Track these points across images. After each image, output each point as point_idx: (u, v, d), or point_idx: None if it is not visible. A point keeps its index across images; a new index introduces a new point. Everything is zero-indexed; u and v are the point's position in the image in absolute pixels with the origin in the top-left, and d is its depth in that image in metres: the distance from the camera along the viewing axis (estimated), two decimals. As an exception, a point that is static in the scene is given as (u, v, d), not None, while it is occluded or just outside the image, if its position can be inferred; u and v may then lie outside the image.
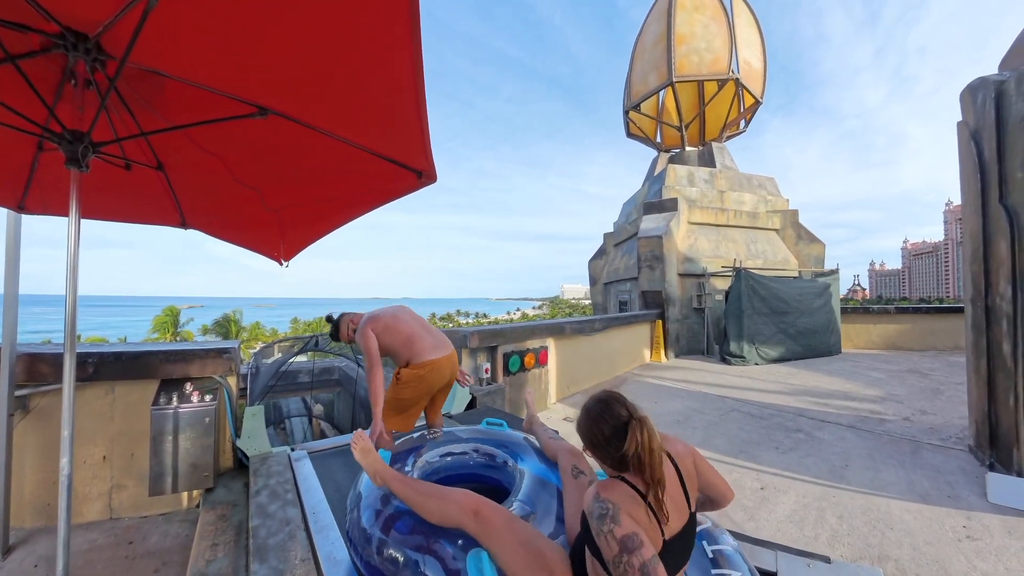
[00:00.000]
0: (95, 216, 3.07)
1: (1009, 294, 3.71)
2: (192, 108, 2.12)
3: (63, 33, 1.64)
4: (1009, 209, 3.72)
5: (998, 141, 3.87)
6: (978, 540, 3.01)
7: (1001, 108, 3.88)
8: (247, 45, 1.72)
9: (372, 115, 2.11)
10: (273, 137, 2.29)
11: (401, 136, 2.18)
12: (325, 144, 2.24)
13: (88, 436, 3.23)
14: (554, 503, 2.16)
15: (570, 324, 7.50)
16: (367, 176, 2.59)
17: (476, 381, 5.53)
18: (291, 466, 3.27)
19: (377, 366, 2.91)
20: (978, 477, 3.88)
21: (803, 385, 7.80)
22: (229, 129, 2.16)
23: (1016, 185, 3.64)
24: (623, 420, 1.42)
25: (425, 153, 2.21)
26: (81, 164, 1.91)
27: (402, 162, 2.35)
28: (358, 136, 2.23)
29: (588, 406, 1.51)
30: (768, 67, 15.99)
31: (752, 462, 4.36)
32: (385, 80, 1.81)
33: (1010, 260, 3.69)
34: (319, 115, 2.12)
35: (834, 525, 3.24)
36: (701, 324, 11.89)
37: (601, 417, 1.45)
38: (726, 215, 13.09)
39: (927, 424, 5.44)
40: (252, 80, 1.94)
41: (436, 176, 2.40)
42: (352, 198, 3.00)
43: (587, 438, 1.48)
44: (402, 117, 2.00)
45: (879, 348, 12.05)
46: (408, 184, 2.52)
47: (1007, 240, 3.70)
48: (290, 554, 2.26)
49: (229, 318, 35.92)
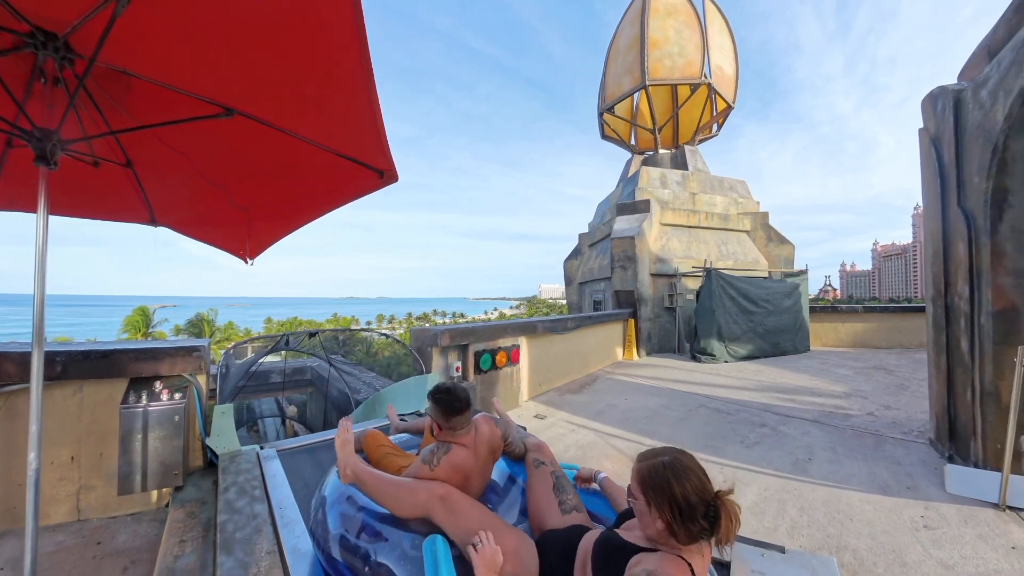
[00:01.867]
0: (64, 213, 3.06)
1: (967, 293, 3.84)
2: (160, 107, 2.16)
3: (33, 32, 1.68)
4: (967, 212, 3.85)
5: (956, 147, 4.02)
6: (935, 529, 3.12)
7: (959, 116, 4.02)
8: (213, 48, 1.77)
9: (330, 115, 2.17)
10: (239, 136, 2.33)
11: (359, 135, 2.25)
12: (288, 143, 2.30)
13: (55, 437, 3.15)
14: (520, 497, 2.27)
15: (542, 323, 7.53)
16: (330, 175, 2.64)
17: (447, 380, 5.52)
18: (260, 464, 3.26)
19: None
20: (937, 469, 4.02)
21: (771, 382, 7.96)
22: (196, 128, 2.19)
23: (973, 189, 3.77)
24: (710, 496, 1.33)
25: (383, 152, 2.28)
26: (50, 162, 1.90)
27: (362, 161, 2.42)
28: (319, 135, 2.29)
29: (668, 463, 1.37)
30: (740, 73, 16.31)
31: (717, 456, 4.44)
32: (337, 80, 1.89)
33: (968, 261, 3.82)
34: (282, 115, 2.18)
35: (794, 516, 3.32)
36: (672, 323, 12.06)
37: (686, 478, 1.34)
38: (698, 216, 13.30)
39: (890, 419, 5.60)
40: (218, 81, 1.99)
41: (397, 176, 2.48)
42: (315, 196, 3.04)
43: (660, 492, 1.33)
44: (358, 116, 2.07)
45: (847, 346, 12.36)
46: (370, 183, 2.59)
47: (964, 242, 3.83)
48: (256, 547, 2.28)
49: (202, 318, 35.23)
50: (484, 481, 2.22)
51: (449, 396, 2.12)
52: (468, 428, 2.17)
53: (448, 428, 2.11)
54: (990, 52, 3.87)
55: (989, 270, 3.59)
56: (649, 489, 1.35)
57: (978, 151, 3.70)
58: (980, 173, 3.65)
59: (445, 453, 2.01)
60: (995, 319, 3.56)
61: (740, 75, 16.30)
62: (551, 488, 2.04)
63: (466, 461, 2.04)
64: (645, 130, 17.04)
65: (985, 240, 3.62)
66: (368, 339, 24.33)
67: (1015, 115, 3.27)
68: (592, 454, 4.52)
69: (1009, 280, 3.51)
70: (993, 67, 3.53)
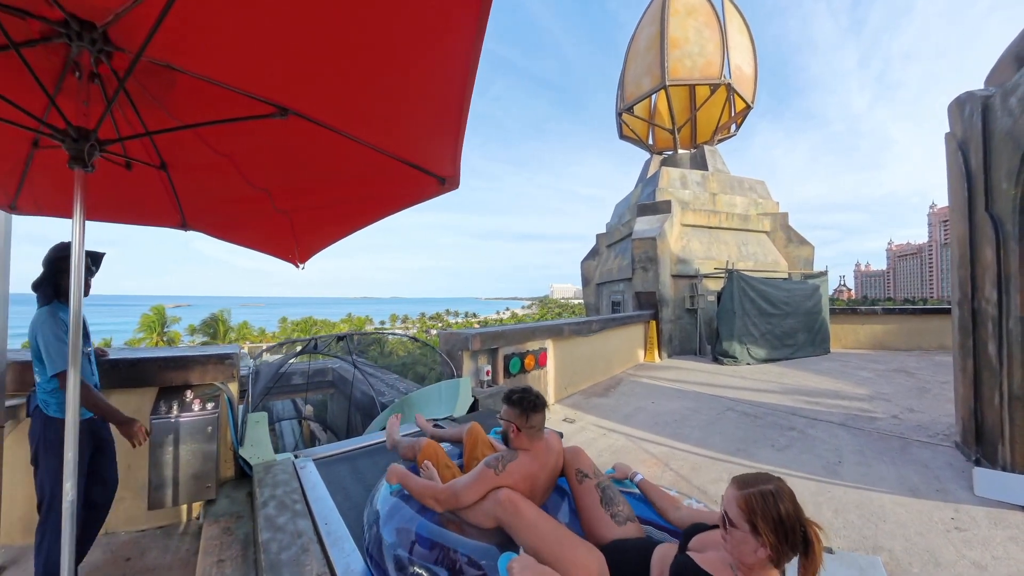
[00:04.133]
0: (92, 218, 2.80)
1: (995, 297, 3.85)
2: (204, 105, 1.99)
3: (67, 20, 1.49)
4: (994, 218, 3.86)
5: (984, 153, 4.02)
6: (966, 531, 3.15)
7: (987, 122, 4.02)
8: (272, 41, 1.58)
9: (403, 119, 2.00)
10: (290, 138, 2.14)
11: (430, 142, 2.09)
12: (347, 147, 2.10)
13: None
14: (564, 502, 2.32)
15: (568, 325, 7.57)
16: (388, 180, 2.46)
17: (477, 383, 5.58)
18: (297, 474, 3.20)
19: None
20: (964, 472, 4.03)
21: (794, 384, 7.94)
22: (242, 128, 2.02)
23: (1001, 195, 3.78)
24: (803, 524, 1.35)
25: (454, 160, 2.11)
26: (87, 164, 1.76)
27: (427, 168, 2.23)
28: (383, 141, 2.10)
29: (777, 492, 1.38)
30: (759, 72, 16.20)
31: (750, 460, 4.47)
32: (427, 85, 1.71)
33: (995, 265, 3.83)
34: (344, 118, 1.99)
35: (830, 519, 3.36)
36: (694, 324, 12.02)
37: (794, 505, 1.37)
38: (718, 217, 13.24)
39: (915, 421, 5.59)
40: (275, 79, 1.81)
41: (459, 182, 2.29)
42: (370, 202, 2.86)
43: (771, 521, 1.33)
44: (437, 123, 1.91)
45: (866, 348, 12.25)
46: (430, 190, 2.39)
47: (992, 247, 3.84)
48: (305, 569, 2.17)
49: (217, 318, 35.64)
50: (546, 496, 2.23)
51: (526, 394, 2.16)
52: (541, 436, 2.19)
53: (528, 428, 2.13)
54: (1018, 58, 3.86)
55: (1018, 275, 3.61)
56: (759, 518, 1.34)
57: (1007, 157, 3.71)
58: (1008, 179, 3.66)
59: (512, 460, 2.04)
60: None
61: (758, 74, 16.19)
62: (599, 502, 2.04)
63: (532, 470, 2.07)
64: (664, 130, 16.99)
65: (1014, 245, 3.63)
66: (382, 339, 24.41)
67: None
68: (627, 459, 4.55)
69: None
70: (1023, 74, 3.52)
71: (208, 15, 1.48)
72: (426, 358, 19.41)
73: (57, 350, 2.34)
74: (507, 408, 2.17)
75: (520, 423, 2.12)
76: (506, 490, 1.91)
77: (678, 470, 4.25)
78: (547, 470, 2.17)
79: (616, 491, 2.12)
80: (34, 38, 1.56)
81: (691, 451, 4.74)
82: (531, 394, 2.18)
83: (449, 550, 1.85)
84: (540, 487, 2.13)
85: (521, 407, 2.13)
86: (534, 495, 2.06)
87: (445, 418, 4.50)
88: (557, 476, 2.28)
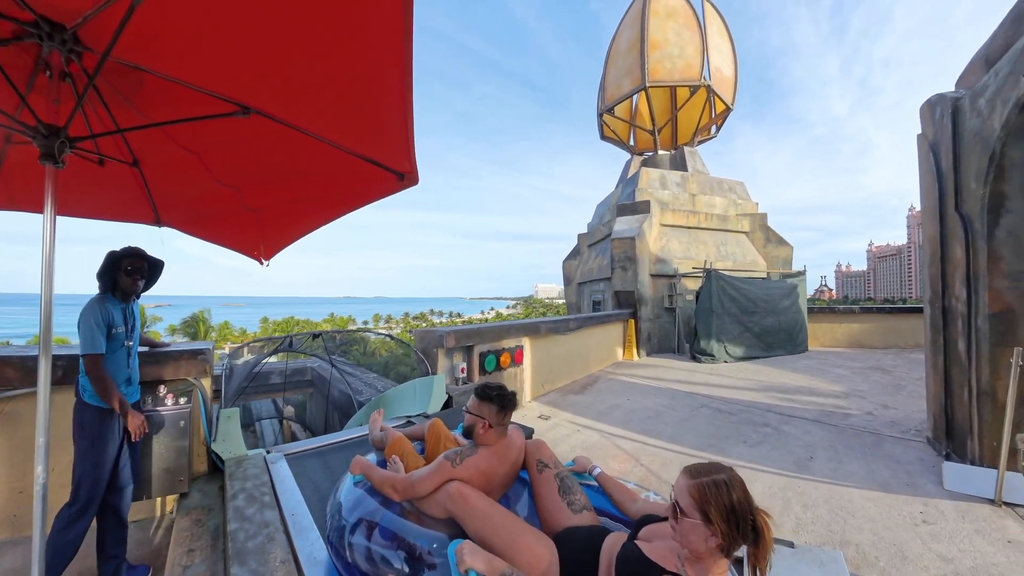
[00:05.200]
0: (66, 213, 2.93)
1: (964, 295, 3.94)
2: (172, 104, 2.08)
3: (38, 22, 1.56)
4: (964, 217, 3.94)
5: (954, 154, 4.11)
6: (933, 524, 3.21)
7: (957, 123, 4.11)
8: (233, 43, 1.67)
9: (356, 117, 2.11)
10: (254, 136, 2.26)
11: (385, 138, 2.18)
12: (307, 144, 2.22)
13: (57, 443, 2.94)
14: (528, 500, 2.32)
15: (545, 324, 7.59)
16: (349, 177, 2.58)
17: (452, 381, 5.58)
18: (267, 468, 3.24)
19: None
20: (935, 466, 4.10)
21: (770, 382, 8.05)
22: (209, 127, 2.11)
23: (970, 195, 3.86)
24: (753, 513, 1.36)
25: (409, 156, 2.22)
26: (57, 160, 1.81)
27: (385, 164, 2.34)
28: (341, 137, 2.22)
29: (729, 481, 1.39)
30: (739, 75, 16.41)
31: (721, 455, 4.51)
32: (372, 82, 1.81)
33: (965, 264, 3.91)
34: (302, 116, 2.10)
35: (799, 513, 3.40)
36: (672, 323, 12.15)
37: (744, 494, 1.38)
38: (697, 218, 13.38)
39: (888, 418, 5.70)
40: (237, 78, 1.91)
41: (418, 178, 2.40)
42: (333, 199, 2.98)
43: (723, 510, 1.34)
44: (387, 120, 2.01)
45: (844, 346, 12.47)
46: (390, 186, 2.51)
47: (962, 245, 3.92)
48: (270, 556, 2.24)
49: (198, 317, 35.22)
50: (504, 490, 2.25)
51: (503, 391, 2.19)
52: (506, 434, 2.21)
53: (500, 425, 2.15)
54: (987, 61, 3.96)
55: (986, 273, 3.68)
56: (711, 507, 1.34)
57: (976, 158, 3.79)
58: (978, 179, 3.73)
59: (471, 455, 2.05)
60: (992, 321, 3.66)
61: (739, 77, 16.40)
62: (556, 490, 2.07)
63: (491, 466, 2.08)
64: (644, 131, 17.13)
65: (982, 244, 3.71)
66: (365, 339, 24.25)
67: (1012, 124, 3.36)
68: (597, 455, 4.58)
69: (1005, 283, 3.60)
70: (991, 76, 3.62)
71: (172, 18, 1.57)
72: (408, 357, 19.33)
73: (88, 334, 2.47)
74: (480, 403, 2.17)
75: (493, 419, 2.13)
76: (456, 483, 1.92)
77: (648, 465, 4.28)
78: (507, 465, 2.18)
79: (574, 481, 2.15)
80: (6, 38, 1.62)
81: (663, 447, 4.77)
82: (507, 392, 2.20)
83: (406, 539, 1.87)
84: (498, 482, 2.14)
85: (499, 404, 2.14)
86: (491, 489, 2.07)
87: (419, 415, 4.51)
88: (518, 471, 2.29)
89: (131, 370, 2.82)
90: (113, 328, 2.59)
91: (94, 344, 2.47)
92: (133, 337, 2.80)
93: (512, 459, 2.21)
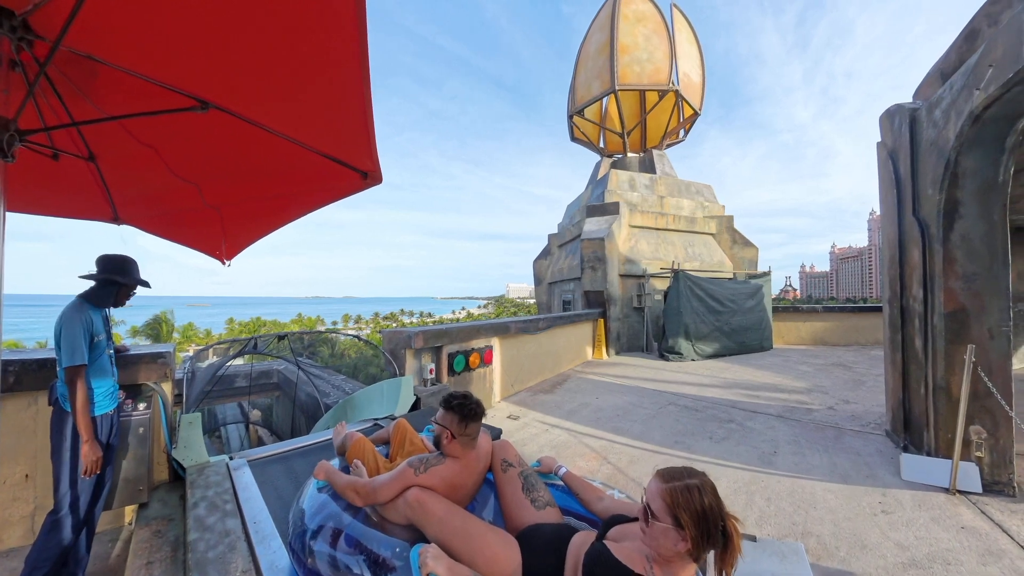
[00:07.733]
0: (19, 209, 2.84)
1: (921, 296, 4.09)
2: (128, 97, 2.01)
3: None
4: (921, 221, 4.10)
5: (912, 161, 4.28)
6: (891, 514, 3.32)
7: (915, 133, 4.28)
8: (190, 36, 1.63)
9: (316, 113, 2.08)
10: (214, 131, 2.21)
11: (346, 136, 2.15)
12: (268, 141, 2.18)
13: (9, 454, 2.92)
14: (492, 494, 2.32)
15: (515, 323, 7.58)
16: (311, 175, 2.54)
17: (421, 382, 5.52)
18: (230, 476, 3.15)
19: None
20: (893, 458, 4.25)
21: (736, 379, 8.22)
22: (167, 121, 2.08)
23: (927, 200, 4.02)
24: (724, 518, 1.36)
25: (370, 154, 2.20)
26: (7, 154, 1.67)
27: (346, 162, 2.32)
28: (302, 134, 2.18)
29: (701, 486, 1.38)
30: (706, 80, 16.73)
31: (687, 452, 4.58)
32: (330, 79, 1.79)
33: (922, 266, 4.06)
34: (262, 111, 2.06)
35: (762, 507, 3.47)
36: (641, 323, 12.29)
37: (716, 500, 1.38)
38: (665, 219, 13.57)
39: (849, 412, 5.88)
40: (194, 72, 1.86)
41: (382, 177, 2.38)
42: (295, 196, 2.92)
43: (694, 515, 1.34)
44: (347, 117, 1.99)
45: (808, 344, 12.85)
46: (353, 184, 2.48)
47: (919, 248, 4.07)
48: (231, 566, 2.19)
49: (160, 319, 34.06)
50: (469, 499, 2.20)
51: (466, 401, 2.10)
52: (474, 446, 2.13)
53: (463, 436, 2.07)
54: (943, 74, 4.12)
55: (941, 274, 3.82)
56: (682, 511, 1.34)
57: (931, 165, 3.94)
58: (933, 185, 3.88)
59: (437, 464, 2.00)
60: (947, 319, 3.80)
61: (706, 83, 16.71)
62: (520, 488, 2.06)
63: (457, 477, 2.02)
64: (614, 133, 17.30)
65: (938, 247, 3.85)
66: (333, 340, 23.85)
67: (966, 134, 3.50)
68: (566, 453, 4.59)
69: (959, 284, 3.75)
70: (946, 89, 3.76)
71: (127, 8, 1.53)
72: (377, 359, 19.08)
73: (71, 344, 2.43)
74: (444, 413, 2.10)
75: (456, 430, 2.06)
76: (414, 490, 1.88)
77: (616, 463, 4.31)
78: (474, 476, 2.13)
79: (538, 479, 2.15)
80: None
81: (630, 444, 4.82)
82: (471, 401, 2.11)
83: (367, 545, 1.84)
84: (463, 492, 2.09)
85: (460, 414, 2.06)
86: (456, 497, 2.02)
87: (386, 417, 4.43)
88: (483, 479, 2.25)
89: (115, 375, 2.84)
90: (95, 336, 2.56)
91: (77, 355, 2.42)
92: (111, 344, 2.81)
93: (480, 470, 2.16)
